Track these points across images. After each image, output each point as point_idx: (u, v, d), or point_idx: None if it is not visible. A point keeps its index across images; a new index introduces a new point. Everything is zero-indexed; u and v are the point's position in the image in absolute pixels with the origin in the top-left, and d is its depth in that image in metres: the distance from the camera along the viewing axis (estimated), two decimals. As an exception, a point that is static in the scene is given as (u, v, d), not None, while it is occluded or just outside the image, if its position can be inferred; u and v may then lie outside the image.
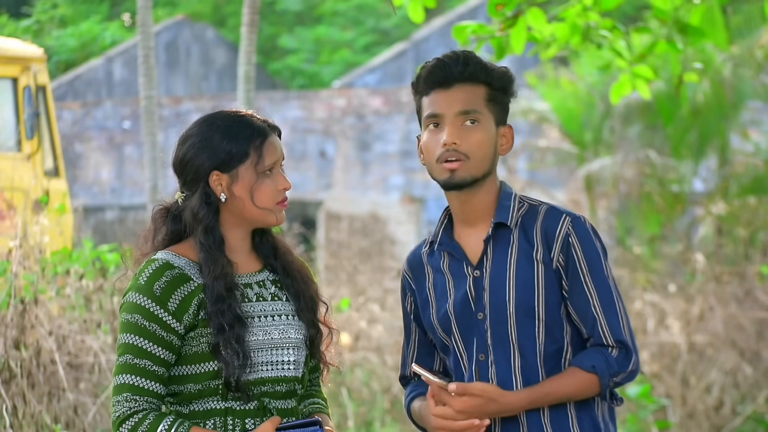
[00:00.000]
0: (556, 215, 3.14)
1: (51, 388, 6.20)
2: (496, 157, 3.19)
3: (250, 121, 3.16)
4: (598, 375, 3.08)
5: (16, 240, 6.41)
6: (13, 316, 6.15)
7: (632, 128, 13.79)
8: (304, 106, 19.79)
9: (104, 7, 31.28)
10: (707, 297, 10.02)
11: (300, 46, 30.54)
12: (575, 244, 3.12)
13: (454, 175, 3.16)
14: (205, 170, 3.13)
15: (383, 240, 19.01)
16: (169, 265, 3.08)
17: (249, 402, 3.09)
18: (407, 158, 19.17)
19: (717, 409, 9.33)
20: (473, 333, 3.15)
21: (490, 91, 3.18)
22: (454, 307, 3.17)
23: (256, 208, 3.12)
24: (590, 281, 3.11)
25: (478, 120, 3.16)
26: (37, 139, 10.09)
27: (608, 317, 3.10)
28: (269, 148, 3.14)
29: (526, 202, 3.20)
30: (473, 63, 3.18)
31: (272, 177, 3.14)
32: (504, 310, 3.11)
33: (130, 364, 3.02)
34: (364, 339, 9.96)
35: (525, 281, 3.11)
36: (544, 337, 3.11)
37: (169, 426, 3.00)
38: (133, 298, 3.06)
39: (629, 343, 3.11)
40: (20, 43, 10.95)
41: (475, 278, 3.16)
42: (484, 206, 3.19)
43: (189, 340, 3.06)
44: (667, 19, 5.60)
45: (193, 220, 3.14)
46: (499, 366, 3.12)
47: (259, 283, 3.18)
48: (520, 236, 3.15)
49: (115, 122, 20.91)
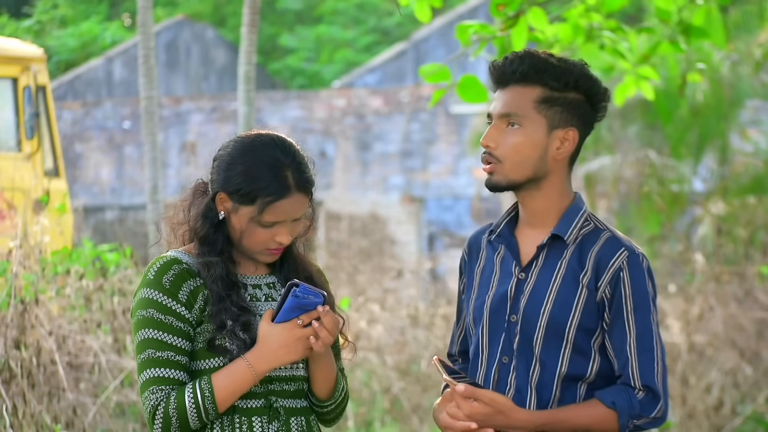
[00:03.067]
0: (615, 246, 3.06)
1: (51, 388, 6.20)
2: (544, 162, 3.08)
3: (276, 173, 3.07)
4: (618, 413, 3.02)
5: (17, 240, 6.41)
6: (13, 316, 6.15)
7: (632, 128, 13.79)
8: (304, 106, 19.79)
9: (104, 7, 31.28)
10: (707, 297, 10.02)
11: (300, 46, 30.54)
12: (625, 281, 3.05)
13: (490, 178, 3.09)
14: (215, 187, 3.12)
15: (383, 240, 19.01)
16: (177, 260, 3.09)
17: (256, 399, 3.09)
18: (407, 158, 19.17)
19: (717, 409, 9.34)
20: (501, 333, 3.11)
21: (545, 92, 3.07)
22: (492, 301, 3.13)
23: (241, 244, 3.11)
24: (632, 320, 3.05)
25: (520, 123, 3.07)
26: (37, 139, 10.10)
27: (642, 360, 3.05)
28: (276, 210, 3.07)
29: (592, 222, 3.12)
30: (528, 63, 3.07)
31: (271, 229, 3.09)
32: (535, 320, 3.06)
33: (153, 359, 3.03)
34: (364, 339, 9.96)
35: (564, 300, 3.06)
36: (569, 359, 3.06)
37: (192, 389, 3.00)
38: (145, 293, 3.07)
39: (659, 389, 3.05)
40: (20, 43, 10.95)
41: (519, 280, 3.11)
42: (544, 211, 3.12)
43: (196, 336, 3.08)
44: (670, 20, 5.60)
45: (193, 226, 3.15)
46: (519, 373, 3.08)
47: (269, 284, 3.18)
48: (574, 254, 3.08)
49: (115, 122, 20.91)
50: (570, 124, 3.09)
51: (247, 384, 3.03)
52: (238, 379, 3.02)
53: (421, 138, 19.07)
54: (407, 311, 10.74)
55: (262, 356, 3.02)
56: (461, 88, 5.12)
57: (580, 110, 3.10)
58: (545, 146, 3.09)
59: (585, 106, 3.10)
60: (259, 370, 3.03)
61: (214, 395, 3.01)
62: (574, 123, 3.10)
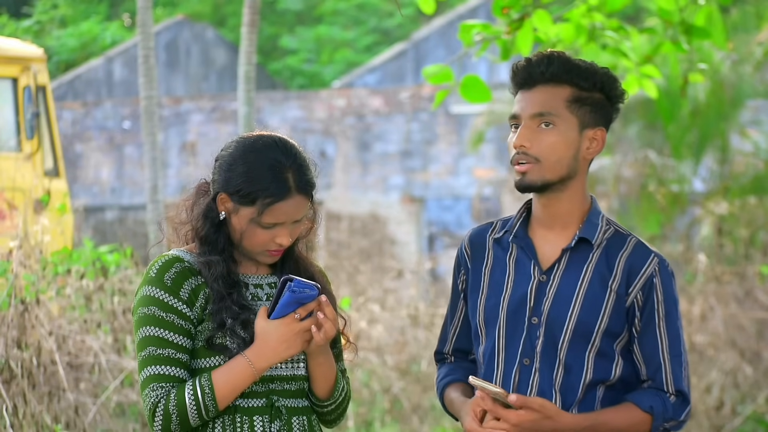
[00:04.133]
0: (646, 253, 3.10)
1: (51, 388, 6.20)
2: (576, 162, 3.11)
3: (277, 174, 3.07)
4: (653, 417, 3.07)
5: (17, 240, 6.41)
6: (13, 316, 6.15)
7: (632, 128, 13.79)
8: (304, 106, 19.78)
9: (104, 7, 31.28)
10: (707, 297, 10.03)
11: (300, 46, 30.53)
12: (658, 288, 3.09)
13: (523, 178, 3.09)
14: (216, 187, 3.13)
15: (383, 240, 19.01)
16: (179, 258, 3.10)
17: (257, 399, 3.09)
18: (407, 158, 19.17)
19: (717, 409, 9.34)
20: (521, 335, 3.11)
21: (576, 93, 3.10)
22: (509, 303, 3.12)
23: (241, 245, 3.11)
24: (664, 327, 3.09)
25: (554, 123, 3.08)
26: (37, 139, 10.10)
27: (674, 365, 3.10)
28: (275, 212, 3.07)
29: (612, 226, 3.15)
30: (557, 63, 3.11)
31: (271, 230, 3.09)
32: (561, 324, 3.08)
33: (153, 356, 3.03)
34: (364, 339, 9.96)
35: (593, 304, 3.07)
36: (593, 363, 3.08)
37: (192, 386, 3.01)
38: (147, 291, 3.07)
39: (688, 393, 3.12)
40: (20, 43, 10.96)
41: (540, 282, 3.11)
42: (566, 213, 3.14)
43: (197, 334, 3.08)
44: (673, 21, 5.61)
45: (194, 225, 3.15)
46: (543, 375, 3.09)
47: (271, 284, 3.18)
48: (601, 259, 3.10)
49: (115, 122, 20.90)
50: (599, 124, 3.14)
51: (247, 381, 3.03)
52: (238, 376, 3.02)
53: (421, 138, 19.06)
54: (407, 311, 10.74)
55: (261, 352, 3.02)
56: (464, 89, 5.12)
57: (605, 110, 3.15)
58: (578, 146, 3.12)
59: (608, 106, 3.15)
60: (259, 367, 3.03)
61: (215, 392, 3.01)
62: (602, 123, 3.15)
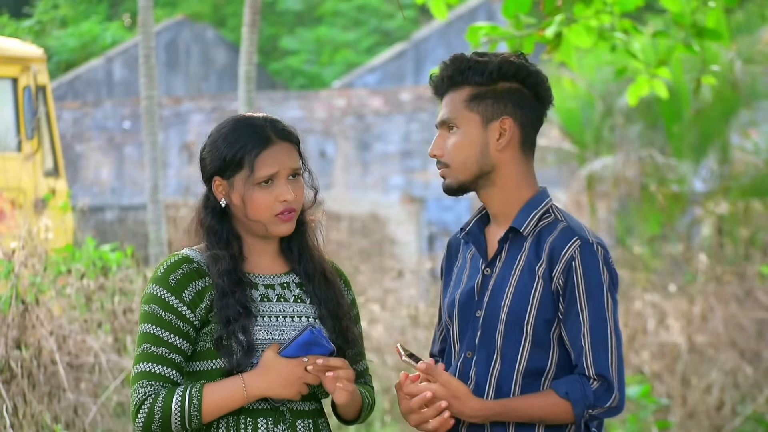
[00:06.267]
0: (568, 235, 3.09)
1: (51, 388, 6.20)
2: (487, 157, 3.12)
3: (254, 129, 3.13)
4: (572, 403, 3.03)
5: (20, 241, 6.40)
6: (14, 316, 6.14)
7: (633, 128, 13.80)
8: (304, 106, 19.78)
9: (104, 7, 31.27)
10: (707, 297, 10.03)
11: (301, 48, 30.52)
12: (577, 269, 3.06)
13: (443, 183, 3.17)
14: (209, 174, 3.16)
15: (383, 240, 19.01)
16: (188, 259, 3.11)
17: (262, 401, 3.09)
18: (407, 158, 19.17)
19: (717, 409, 9.33)
20: (468, 328, 3.14)
21: (474, 90, 3.12)
22: (460, 298, 3.17)
23: (249, 219, 3.12)
24: (585, 309, 3.05)
25: (457, 125, 3.12)
26: (37, 139, 10.10)
27: (595, 349, 3.05)
28: (265, 160, 3.11)
29: (553, 214, 3.14)
30: (451, 67, 3.14)
31: (270, 188, 3.11)
32: (497, 314, 3.09)
33: (148, 353, 3.05)
34: (365, 339, 9.94)
35: (522, 292, 3.08)
36: (529, 352, 3.08)
37: (182, 393, 3.02)
38: (152, 289, 3.09)
39: (612, 378, 3.05)
40: (20, 43, 10.96)
41: (485, 276, 3.14)
42: (504, 206, 3.15)
43: (202, 336, 3.09)
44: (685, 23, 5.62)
45: (197, 219, 3.18)
46: (480, 367, 3.11)
47: (283, 284, 3.18)
48: (532, 247, 3.11)
49: (115, 122, 20.90)
50: (503, 114, 3.12)
51: (236, 403, 3.05)
52: (229, 397, 3.04)
53: (421, 138, 19.06)
54: (407, 311, 10.75)
55: (259, 382, 3.04)
56: None
57: (514, 97, 3.13)
58: (484, 141, 3.12)
59: (519, 92, 3.13)
60: (252, 395, 3.04)
61: (202, 405, 3.02)
62: (508, 111, 3.12)
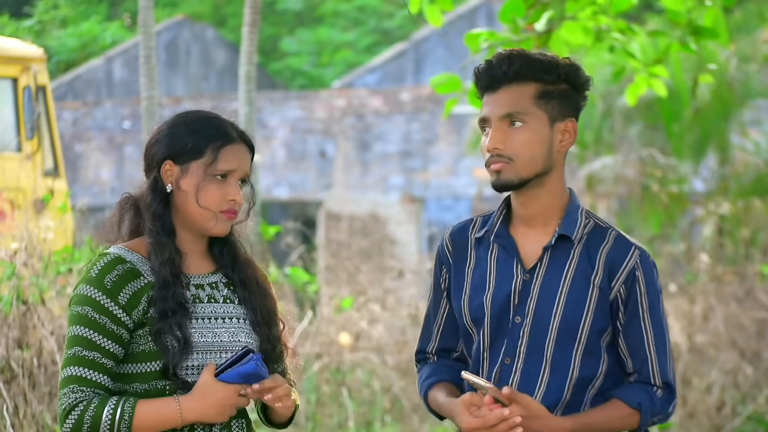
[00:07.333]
0: (626, 246, 3.08)
1: (52, 388, 6.20)
2: (550, 157, 3.09)
3: (220, 125, 3.12)
4: (642, 413, 3.06)
5: (22, 242, 6.40)
6: (15, 316, 6.14)
7: (633, 128, 13.79)
8: (304, 106, 19.79)
9: (104, 7, 31.27)
10: (708, 297, 10.03)
11: (301, 48, 30.51)
12: (640, 280, 3.07)
13: (499, 177, 3.07)
14: (160, 158, 3.11)
15: (383, 240, 19.01)
16: (121, 259, 3.04)
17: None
18: (407, 158, 19.17)
19: (718, 409, 9.34)
20: (504, 334, 3.09)
21: (541, 88, 3.09)
22: (492, 302, 3.10)
23: (198, 206, 3.06)
24: (648, 319, 3.07)
25: (524, 121, 3.07)
26: (37, 139, 10.10)
27: (660, 357, 3.08)
28: (228, 155, 3.08)
29: (592, 220, 3.13)
30: (518, 62, 3.09)
31: (223, 184, 3.08)
32: (547, 323, 3.06)
33: (78, 356, 2.97)
34: (365, 339, 9.96)
35: (576, 301, 3.06)
36: (580, 361, 3.07)
37: (114, 406, 2.95)
38: (84, 290, 3.01)
39: (674, 385, 3.11)
40: (20, 43, 10.96)
41: (524, 281, 3.09)
42: (545, 210, 3.12)
43: (137, 338, 3.02)
44: (681, 22, 5.62)
45: (143, 206, 3.11)
46: (526, 375, 3.07)
47: (212, 284, 3.13)
48: (582, 254, 3.09)
49: (115, 122, 20.91)
50: (568, 115, 3.12)
51: (169, 425, 3.00)
52: (162, 419, 2.99)
53: (421, 138, 19.06)
54: (408, 311, 10.74)
55: (194, 408, 2.99)
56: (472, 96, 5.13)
57: (572, 100, 3.13)
58: (550, 140, 3.10)
59: (575, 96, 3.13)
60: (186, 419, 3.00)
61: (132, 422, 2.96)
62: (572, 113, 3.13)
